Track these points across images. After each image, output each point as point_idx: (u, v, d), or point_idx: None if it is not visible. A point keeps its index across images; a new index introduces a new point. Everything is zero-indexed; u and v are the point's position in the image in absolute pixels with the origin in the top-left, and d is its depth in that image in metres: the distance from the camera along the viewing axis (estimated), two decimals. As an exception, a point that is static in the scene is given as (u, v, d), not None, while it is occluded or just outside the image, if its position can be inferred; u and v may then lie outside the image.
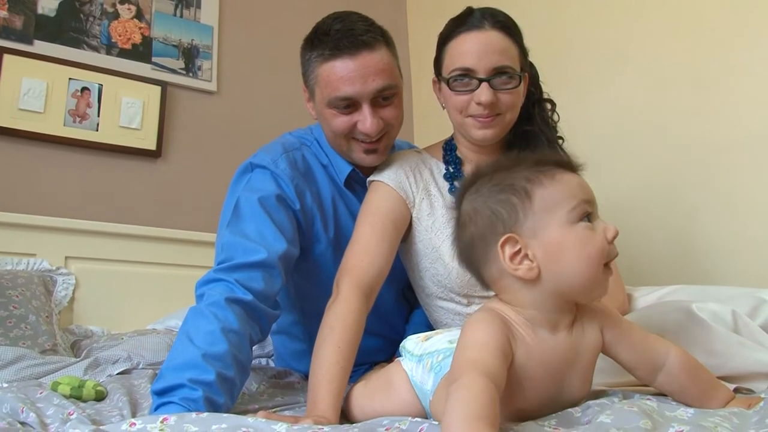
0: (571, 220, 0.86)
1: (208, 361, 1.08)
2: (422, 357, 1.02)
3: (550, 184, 0.87)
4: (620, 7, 2.30)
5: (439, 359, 0.97)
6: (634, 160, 2.16)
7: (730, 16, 1.96)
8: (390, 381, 1.08)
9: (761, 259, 1.82)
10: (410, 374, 1.04)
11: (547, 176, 0.88)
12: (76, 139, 2.42)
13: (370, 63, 1.33)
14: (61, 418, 1.09)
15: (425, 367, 1.00)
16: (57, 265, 2.23)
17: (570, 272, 0.85)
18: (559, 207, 0.86)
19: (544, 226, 0.86)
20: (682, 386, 0.95)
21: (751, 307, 1.30)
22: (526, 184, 0.88)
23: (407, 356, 1.06)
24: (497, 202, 0.88)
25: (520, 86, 1.36)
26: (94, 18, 2.56)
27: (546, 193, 0.87)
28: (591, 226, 0.86)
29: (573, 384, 0.91)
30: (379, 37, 1.36)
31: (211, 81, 2.78)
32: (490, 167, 0.93)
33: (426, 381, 0.99)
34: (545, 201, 0.87)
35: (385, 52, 1.37)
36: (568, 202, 0.86)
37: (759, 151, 1.84)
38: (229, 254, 1.27)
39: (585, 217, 0.86)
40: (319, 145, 1.51)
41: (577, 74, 2.39)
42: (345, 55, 1.32)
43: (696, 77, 2.03)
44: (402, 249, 1.45)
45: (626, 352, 0.95)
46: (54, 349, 1.81)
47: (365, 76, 1.33)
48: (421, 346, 1.04)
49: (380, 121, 1.37)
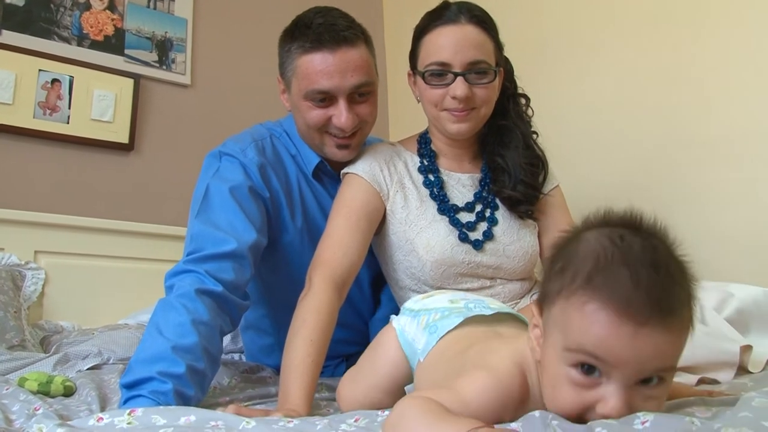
0: (564, 360, 0.69)
1: (177, 354, 1.07)
2: (419, 312, 1.00)
3: (572, 308, 0.68)
4: (594, 5, 2.32)
5: (436, 318, 0.95)
6: (605, 156, 2.18)
7: (700, 13, 1.98)
8: (378, 342, 1.08)
9: (730, 253, 1.85)
10: (400, 330, 1.02)
11: (580, 297, 0.68)
12: (47, 132, 2.37)
13: (350, 59, 1.34)
14: (27, 413, 1.07)
15: (420, 324, 0.98)
16: (26, 260, 2.19)
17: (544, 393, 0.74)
18: (563, 337, 0.69)
19: (549, 335, 0.72)
20: None
21: (719, 301, 1.33)
22: (560, 285, 0.70)
23: (404, 312, 1.05)
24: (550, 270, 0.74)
25: (495, 81, 1.37)
26: (65, 8, 2.51)
27: (561, 314, 0.70)
28: (584, 382, 0.67)
29: None
30: (359, 35, 1.38)
31: (184, 74, 2.75)
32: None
33: (418, 339, 0.97)
34: (557, 319, 0.71)
35: (364, 50, 1.38)
36: (568, 340, 0.68)
37: (728, 147, 1.88)
38: (198, 244, 1.26)
39: (581, 366, 0.68)
40: (288, 136, 1.52)
41: (551, 70, 2.40)
42: (326, 48, 1.33)
43: (666, 74, 2.06)
44: (375, 242, 1.45)
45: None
46: (22, 345, 1.78)
47: (344, 71, 1.34)
48: (421, 302, 1.03)
49: (355, 116, 1.38)
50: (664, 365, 0.67)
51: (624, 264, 0.66)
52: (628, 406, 0.65)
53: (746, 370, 1.20)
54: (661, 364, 0.66)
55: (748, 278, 1.55)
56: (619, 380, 0.66)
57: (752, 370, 1.20)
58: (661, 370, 0.67)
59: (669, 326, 0.65)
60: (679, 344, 0.67)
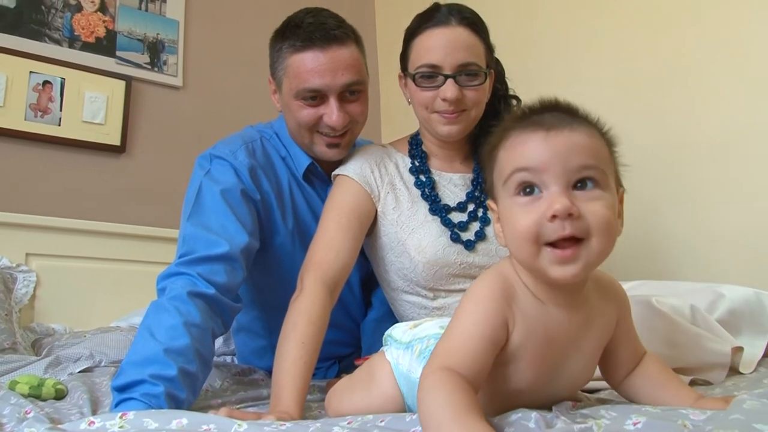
0: (509, 193, 0.79)
1: (170, 356, 1.07)
2: (411, 343, 0.99)
3: (506, 146, 0.81)
4: (585, 6, 2.33)
5: (429, 344, 0.94)
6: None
7: (692, 15, 1.99)
8: (372, 373, 1.05)
9: (720, 254, 1.86)
10: (395, 363, 1.00)
11: (509, 136, 0.81)
12: (38, 134, 2.37)
13: (341, 57, 1.35)
14: (18, 417, 1.06)
15: (414, 354, 0.97)
16: (17, 262, 2.18)
17: (511, 250, 0.81)
18: (502, 176, 0.80)
19: (499, 195, 0.82)
20: (647, 394, 0.90)
21: (710, 302, 1.33)
22: (495, 145, 0.83)
23: (393, 345, 1.03)
24: (487, 160, 0.86)
25: (485, 83, 1.37)
26: (57, 10, 2.50)
27: (501, 158, 0.81)
28: (529, 201, 0.77)
29: (573, 369, 0.84)
30: (350, 34, 1.39)
31: (176, 76, 2.75)
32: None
33: (414, 369, 0.95)
34: (499, 167, 0.82)
35: (354, 49, 1.39)
36: (505, 171, 0.79)
37: (721, 149, 1.88)
38: (190, 247, 1.26)
39: (523, 188, 0.77)
40: (279, 138, 1.52)
41: (543, 72, 2.41)
42: (316, 47, 1.34)
43: (659, 75, 2.07)
44: (367, 243, 1.45)
45: (624, 350, 0.89)
46: (13, 348, 1.77)
47: (335, 69, 1.34)
48: (410, 333, 1.01)
49: (346, 115, 1.38)
50: (587, 162, 0.76)
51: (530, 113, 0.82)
52: (573, 205, 0.73)
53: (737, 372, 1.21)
54: (582, 161, 0.75)
55: (739, 279, 1.56)
56: (555, 185, 0.75)
57: (743, 371, 1.21)
58: (585, 167, 0.76)
59: (575, 128, 0.77)
60: (591, 144, 0.77)
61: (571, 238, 0.74)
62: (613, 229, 0.76)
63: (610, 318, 0.88)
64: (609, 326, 0.88)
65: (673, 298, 1.27)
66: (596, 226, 0.74)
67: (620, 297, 0.90)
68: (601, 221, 0.74)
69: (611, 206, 0.76)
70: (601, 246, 0.75)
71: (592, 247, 0.74)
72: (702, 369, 1.17)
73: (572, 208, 0.73)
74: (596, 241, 0.74)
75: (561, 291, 0.81)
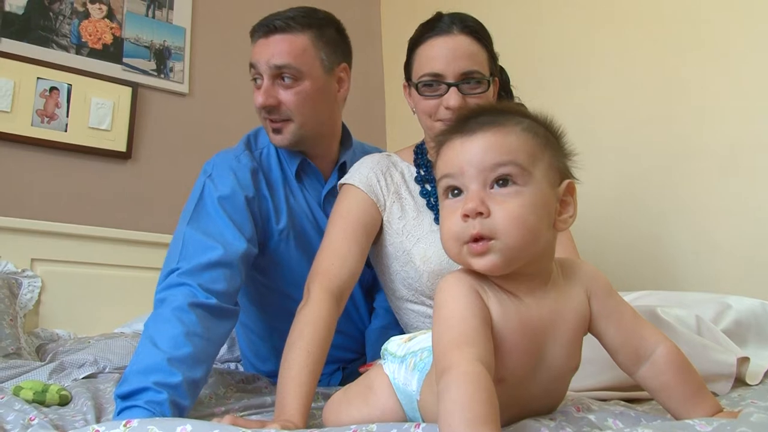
0: (442, 197, 0.86)
1: (173, 365, 1.07)
2: (405, 357, 0.98)
3: (439, 154, 0.87)
4: (590, 15, 2.33)
5: (423, 357, 0.94)
6: (601, 167, 2.19)
7: (696, 25, 1.99)
8: (370, 385, 1.04)
9: (727, 265, 1.85)
10: (392, 377, 1.00)
11: (441, 144, 0.87)
12: (44, 140, 2.38)
13: (278, 43, 1.42)
14: (22, 423, 1.06)
15: (408, 367, 0.96)
16: (22, 268, 2.19)
17: (443, 247, 0.85)
18: (438, 182, 0.87)
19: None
20: (666, 384, 0.85)
21: (716, 312, 1.32)
22: (436, 155, 0.88)
23: (389, 359, 1.03)
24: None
25: (489, 91, 1.37)
26: (64, 17, 2.52)
27: (437, 166, 0.87)
28: (454, 202, 0.83)
29: (556, 354, 0.84)
30: (298, 25, 1.43)
31: (182, 83, 2.76)
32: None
33: (410, 382, 0.95)
34: (436, 174, 0.88)
35: (301, 38, 1.43)
36: (438, 177, 0.86)
37: (725, 159, 1.88)
38: (188, 251, 1.28)
39: (451, 191, 0.84)
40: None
41: (547, 80, 2.41)
42: (261, 35, 1.44)
43: (663, 85, 2.07)
44: (372, 252, 1.44)
45: (613, 330, 0.87)
46: (18, 353, 1.77)
47: (271, 53, 1.41)
48: (404, 346, 1.01)
49: (273, 98, 1.43)
50: (500, 160, 0.79)
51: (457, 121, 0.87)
52: (482, 204, 0.78)
53: (744, 383, 1.20)
54: (495, 159, 0.79)
55: (745, 290, 1.55)
56: (473, 185, 0.80)
57: (750, 382, 1.20)
58: (499, 165, 0.79)
59: (495, 130, 0.81)
60: (507, 143, 0.81)
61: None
62: (526, 224, 0.78)
63: (581, 300, 0.87)
64: (582, 309, 0.87)
65: (678, 309, 1.26)
66: (503, 223, 0.77)
67: (588, 276, 0.90)
68: (508, 219, 0.77)
69: (529, 202, 0.79)
70: (513, 241, 0.78)
71: (503, 242, 0.78)
72: (707, 380, 1.15)
73: (480, 207, 0.78)
74: (506, 238, 0.78)
75: (523, 282, 0.83)
